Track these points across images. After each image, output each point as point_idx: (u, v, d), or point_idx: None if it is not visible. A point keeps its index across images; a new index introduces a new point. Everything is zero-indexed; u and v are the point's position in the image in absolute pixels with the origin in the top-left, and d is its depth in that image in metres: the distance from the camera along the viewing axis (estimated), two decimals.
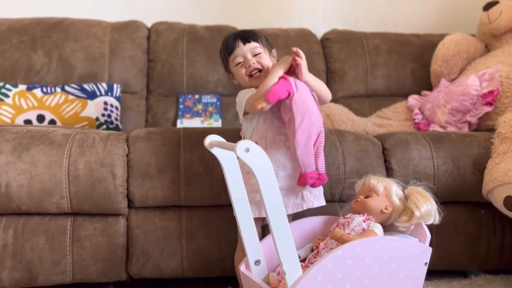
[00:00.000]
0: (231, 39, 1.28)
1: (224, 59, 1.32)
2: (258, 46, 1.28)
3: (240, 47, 1.27)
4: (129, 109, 2.05)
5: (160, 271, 1.45)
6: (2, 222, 1.38)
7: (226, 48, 1.29)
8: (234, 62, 1.28)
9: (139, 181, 1.40)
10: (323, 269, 1.01)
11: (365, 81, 2.23)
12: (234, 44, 1.27)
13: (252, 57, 1.27)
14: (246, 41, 1.27)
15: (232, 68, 1.30)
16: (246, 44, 1.27)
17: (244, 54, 1.27)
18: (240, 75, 1.29)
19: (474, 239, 1.55)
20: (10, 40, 2.04)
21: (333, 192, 1.49)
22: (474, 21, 2.22)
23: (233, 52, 1.27)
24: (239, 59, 1.27)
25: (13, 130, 1.43)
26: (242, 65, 1.28)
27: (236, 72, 1.30)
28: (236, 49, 1.27)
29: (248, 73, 1.28)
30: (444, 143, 1.54)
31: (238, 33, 1.30)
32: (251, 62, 1.26)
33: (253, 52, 1.27)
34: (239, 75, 1.29)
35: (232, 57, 1.28)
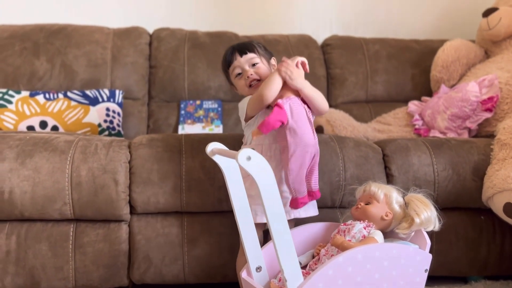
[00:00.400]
0: (229, 52, 1.34)
1: (225, 72, 1.37)
2: (255, 56, 1.32)
3: (237, 59, 1.32)
4: (131, 115, 2.07)
5: (162, 277, 1.45)
6: (5, 229, 1.39)
7: (225, 61, 1.34)
8: (233, 74, 1.33)
9: (141, 187, 1.41)
10: (324, 276, 1.02)
11: (365, 87, 2.24)
12: (231, 57, 1.32)
13: (250, 68, 1.31)
14: (242, 53, 1.31)
15: (232, 79, 1.35)
16: (243, 56, 1.31)
17: (242, 66, 1.32)
18: (240, 86, 1.34)
19: (474, 245, 1.55)
20: (13, 47, 2.06)
21: (333, 198, 1.50)
22: (474, 27, 2.24)
23: (232, 64, 1.32)
24: (238, 70, 1.32)
25: (16, 137, 1.44)
26: (241, 76, 1.32)
27: (236, 83, 1.35)
28: (234, 61, 1.32)
29: (248, 84, 1.32)
30: (444, 150, 1.55)
31: (235, 46, 1.35)
32: (249, 73, 1.31)
33: (251, 63, 1.32)
34: (239, 86, 1.34)
35: (231, 69, 1.33)
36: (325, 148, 1.50)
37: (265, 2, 2.46)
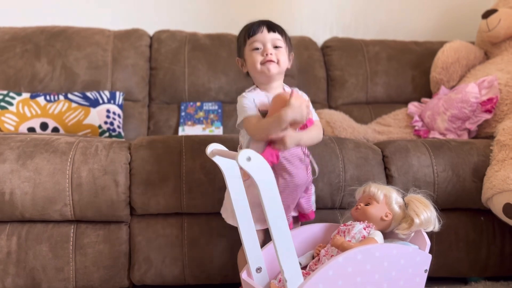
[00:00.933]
0: (256, 24, 1.21)
1: (242, 41, 1.23)
2: (281, 39, 1.21)
3: (263, 33, 1.19)
4: (131, 117, 2.07)
5: (162, 278, 1.46)
6: (6, 230, 1.39)
7: (248, 30, 1.21)
8: (251, 46, 1.21)
9: (142, 188, 1.42)
10: (324, 277, 1.02)
11: (365, 88, 2.25)
12: (258, 28, 1.20)
13: (271, 47, 1.20)
14: (271, 29, 1.20)
15: (247, 51, 1.22)
16: (270, 32, 1.20)
17: (265, 42, 1.20)
18: (252, 61, 1.21)
19: (474, 246, 1.55)
20: (14, 49, 2.07)
21: (333, 199, 1.50)
22: (474, 29, 2.24)
23: (254, 35, 1.20)
24: (258, 44, 1.20)
25: (17, 138, 1.45)
26: (259, 51, 1.20)
27: (250, 57, 1.21)
28: (258, 33, 1.19)
29: (263, 62, 1.20)
30: (444, 151, 1.55)
31: (265, 20, 1.22)
32: (269, 51, 1.19)
33: (274, 43, 1.20)
34: (252, 61, 1.21)
35: (251, 41, 1.20)
36: (325, 149, 1.51)
37: (265, 4, 2.47)
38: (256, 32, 1.20)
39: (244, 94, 1.24)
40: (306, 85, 2.22)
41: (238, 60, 1.30)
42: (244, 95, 1.24)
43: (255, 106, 1.21)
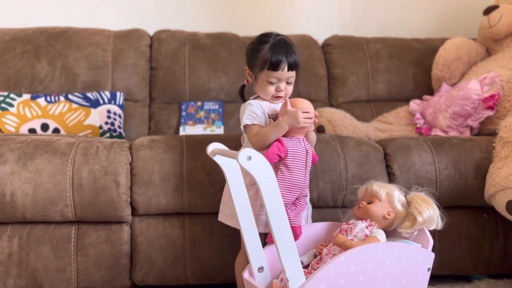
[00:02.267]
0: (280, 58, 1.22)
1: (259, 64, 1.25)
2: (294, 76, 1.26)
3: (283, 71, 1.23)
4: (132, 117, 2.07)
5: (164, 278, 1.45)
6: (7, 231, 1.39)
7: (270, 61, 1.23)
8: (267, 78, 1.25)
9: (143, 189, 1.41)
10: (326, 276, 1.02)
11: (366, 86, 2.24)
12: (281, 66, 1.22)
13: (285, 85, 1.26)
14: (290, 69, 1.24)
15: (261, 78, 1.26)
16: (289, 71, 1.24)
17: (281, 79, 1.25)
18: (264, 90, 1.26)
19: (477, 243, 1.55)
20: (14, 50, 2.07)
21: (335, 198, 1.49)
22: (475, 25, 2.23)
23: (275, 72, 1.23)
24: (275, 80, 1.25)
25: (17, 140, 1.44)
26: (273, 85, 1.25)
27: (263, 85, 1.26)
28: (279, 71, 1.23)
29: (274, 96, 1.26)
30: (446, 148, 1.55)
31: (289, 56, 1.23)
32: (282, 89, 1.25)
33: (288, 80, 1.26)
34: (264, 90, 1.26)
35: (270, 74, 1.24)
36: (326, 147, 1.50)
37: (265, 2, 2.46)
38: (277, 69, 1.23)
39: (251, 101, 1.28)
40: (307, 84, 2.21)
41: (247, 70, 1.31)
42: (251, 102, 1.27)
43: (263, 116, 1.26)
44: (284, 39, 1.28)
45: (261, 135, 1.22)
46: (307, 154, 1.22)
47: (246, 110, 1.25)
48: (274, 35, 1.28)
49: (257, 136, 1.22)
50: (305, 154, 1.21)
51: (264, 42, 1.26)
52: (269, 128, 1.22)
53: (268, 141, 1.20)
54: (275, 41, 1.25)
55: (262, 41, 1.26)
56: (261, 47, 1.25)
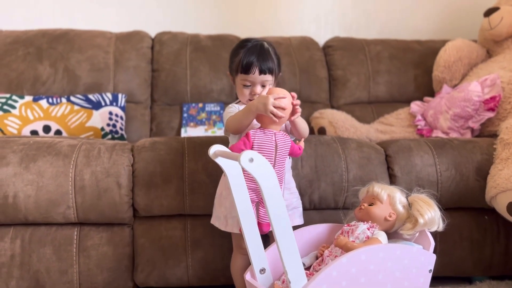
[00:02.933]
0: (250, 60, 1.25)
1: (234, 66, 1.30)
2: (270, 79, 1.28)
3: (255, 74, 1.26)
4: (133, 119, 2.07)
5: (166, 279, 1.46)
6: (10, 233, 1.40)
7: (241, 65, 1.26)
8: (242, 81, 1.28)
9: (144, 190, 1.42)
10: (328, 277, 1.02)
11: (367, 88, 2.24)
12: (251, 69, 1.25)
13: (260, 88, 1.27)
14: (262, 72, 1.26)
15: (237, 81, 1.30)
16: (261, 75, 1.26)
17: (255, 82, 1.27)
18: (241, 93, 1.30)
19: (478, 245, 1.55)
20: (16, 52, 2.07)
21: (336, 199, 1.50)
22: (476, 27, 2.23)
23: (247, 74, 1.26)
24: (248, 83, 1.27)
25: (20, 141, 1.45)
26: (248, 88, 1.28)
27: (239, 89, 1.30)
28: (250, 74, 1.26)
29: (250, 98, 1.28)
30: (447, 150, 1.55)
31: (260, 58, 1.26)
32: (256, 93, 1.27)
33: (263, 83, 1.27)
34: (240, 92, 1.30)
35: (243, 76, 1.27)
36: (328, 149, 1.51)
37: (266, 4, 2.47)
38: (248, 72, 1.26)
39: (230, 105, 1.32)
40: (308, 85, 2.21)
41: (229, 75, 1.36)
42: (230, 105, 1.32)
43: None
44: (260, 44, 1.29)
45: (233, 118, 1.24)
46: (276, 148, 1.18)
47: (226, 114, 1.29)
48: (253, 41, 1.31)
49: (231, 120, 1.24)
50: (274, 148, 1.18)
51: (242, 47, 1.30)
52: (239, 112, 1.23)
53: (239, 124, 1.21)
54: (250, 46, 1.29)
55: (240, 46, 1.31)
56: (237, 51, 1.30)
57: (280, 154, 1.19)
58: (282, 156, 1.20)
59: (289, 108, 1.18)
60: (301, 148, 1.27)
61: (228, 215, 1.28)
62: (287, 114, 1.19)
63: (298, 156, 1.28)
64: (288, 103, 1.18)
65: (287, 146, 1.21)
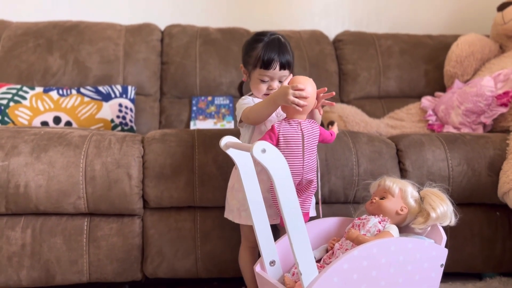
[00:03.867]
0: (272, 56, 1.24)
1: (252, 62, 1.27)
2: (287, 75, 1.26)
3: (275, 70, 1.24)
4: (143, 111, 2.08)
5: (175, 271, 1.46)
6: (21, 222, 1.40)
7: (262, 60, 1.24)
8: (260, 76, 1.26)
9: (154, 182, 1.42)
10: (339, 270, 1.01)
11: (377, 82, 2.23)
12: (272, 64, 1.24)
13: (277, 83, 1.26)
14: (282, 68, 1.25)
15: (254, 75, 1.28)
16: (281, 70, 1.25)
17: (273, 78, 1.26)
18: (257, 88, 1.28)
19: (489, 241, 1.54)
20: (26, 43, 2.08)
21: (346, 193, 1.49)
22: (488, 22, 2.21)
23: (267, 70, 1.25)
24: (266, 78, 1.26)
25: (31, 132, 1.45)
26: (265, 83, 1.27)
27: (256, 83, 1.28)
28: (271, 70, 1.24)
29: (266, 93, 1.27)
30: (459, 144, 1.53)
31: (281, 55, 1.25)
32: (274, 88, 1.26)
33: (280, 78, 1.26)
34: (256, 87, 1.28)
35: (262, 72, 1.25)
36: (338, 143, 1.50)
37: None
38: (269, 68, 1.24)
39: (244, 97, 1.31)
40: (317, 79, 2.17)
41: (242, 68, 1.33)
42: (244, 97, 1.31)
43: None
44: (278, 38, 1.28)
45: (253, 109, 1.23)
46: (303, 138, 1.17)
47: (240, 105, 1.28)
48: (269, 34, 1.29)
49: (249, 111, 1.23)
50: (301, 138, 1.17)
51: (258, 41, 1.28)
52: (261, 102, 1.22)
53: (260, 115, 1.21)
54: (268, 40, 1.27)
55: (256, 40, 1.28)
56: (255, 45, 1.27)
57: (308, 143, 1.18)
58: (311, 145, 1.19)
59: (311, 96, 1.17)
60: (333, 133, 1.26)
61: (241, 207, 1.27)
62: (311, 102, 1.18)
63: (331, 142, 1.28)
64: (310, 91, 1.16)
65: (315, 134, 1.20)
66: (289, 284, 1.09)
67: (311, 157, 1.19)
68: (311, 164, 1.19)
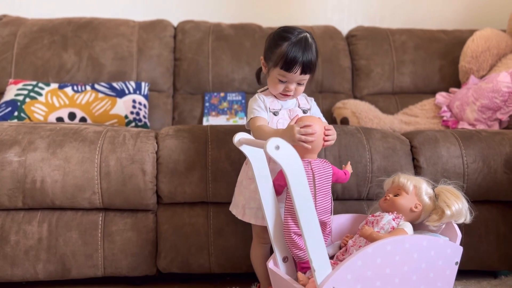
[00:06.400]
0: (295, 59, 1.19)
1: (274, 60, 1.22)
2: (307, 78, 1.24)
3: (296, 74, 1.20)
4: (156, 107, 2.09)
5: (188, 266, 1.47)
6: (37, 216, 1.43)
7: (284, 61, 1.20)
8: (279, 76, 1.22)
9: (168, 177, 1.43)
10: (352, 267, 1.01)
11: (391, 78, 2.21)
12: (294, 67, 1.19)
13: (295, 85, 1.23)
14: (304, 72, 1.21)
15: (273, 73, 1.24)
16: (302, 74, 1.21)
17: (292, 80, 1.23)
18: (274, 86, 1.25)
19: (505, 239, 1.52)
20: (42, 40, 2.10)
21: (360, 190, 1.48)
22: (505, 16, 2.17)
23: (288, 72, 1.20)
24: (285, 79, 1.22)
25: (47, 128, 1.47)
26: (283, 83, 1.23)
27: (273, 80, 1.24)
28: (292, 73, 1.20)
29: (282, 94, 1.25)
30: (474, 141, 1.52)
31: (304, 57, 1.19)
32: (291, 89, 1.23)
33: (300, 81, 1.23)
34: (274, 85, 1.25)
35: (282, 72, 1.21)
36: (352, 139, 1.49)
37: None
38: (290, 71, 1.20)
39: (256, 95, 1.29)
40: (330, 75, 2.19)
41: (262, 60, 1.30)
42: (256, 97, 1.28)
43: (264, 109, 1.26)
44: (305, 38, 1.22)
45: (260, 131, 1.20)
46: (314, 177, 1.13)
47: (252, 105, 1.27)
48: (297, 33, 1.22)
49: (258, 130, 1.22)
50: (312, 177, 1.13)
51: (285, 38, 1.21)
52: (269, 130, 1.19)
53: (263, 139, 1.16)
54: (295, 40, 1.21)
55: (283, 37, 1.22)
56: (280, 43, 1.22)
57: (320, 183, 1.14)
58: (324, 185, 1.15)
59: (319, 133, 1.14)
60: (347, 173, 1.24)
61: (246, 205, 1.27)
62: (319, 140, 1.14)
63: (345, 181, 1.25)
64: (317, 128, 1.13)
65: (327, 174, 1.16)
66: (303, 280, 1.09)
67: (325, 197, 1.15)
68: (325, 205, 1.15)
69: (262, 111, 1.25)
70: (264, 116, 1.25)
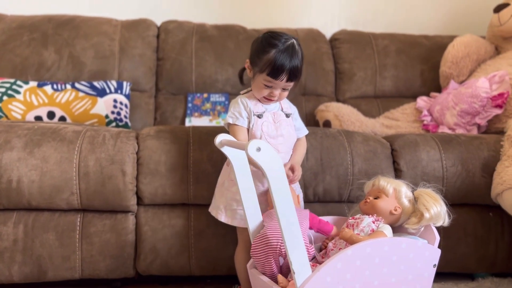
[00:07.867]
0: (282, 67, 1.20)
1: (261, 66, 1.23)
2: (292, 85, 1.25)
3: (283, 81, 1.22)
4: (138, 107, 2.06)
5: (168, 268, 1.45)
6: (13, 217, 1.39)
7: (271, 69, 1.21)
8: (264, 81, 1.23)
9: (149, 178, 1.41)
10: (332, 269, 1.01)
11: (373, 82, 2.23)
12: (281, 75, 1.21)
13: (279, 91, 1.25)
14: (290, 80, 1.23)
15: (259, 77, 1.24)
16: (288, 82, 1.23)
17: (278, 87, 1.24)
18: (258, 90, 1.26)
19: (482, 242, 1.54)
20: (21, 37, 2.06)
21: (341, 192, 1.49)
22: (484, 23, 2.21)
23: (275, 79, 1.22)
24: (271, 84, 1.23)
25: (24, 126, 1.44)
26: (268, 88, 1.24)
27: (258, 85, 1.25)
28: (278, 80, 1.21)
29: (265, 98, 1.27)
30: (453, 145, 1.54)
31: (291, 65, 1.21)
32: (275, 95, 1.25)
33: (285, 87, 1.25)
34: (258, 90, 1.26)
35: (268, 78, 1.22)
36: (333, 142, 1.50)
37: None
38: (277, 78, 1.22)
39: (239, 99, 1.29)
40: (314, 78, 2.20)
41: (247, 63, 1.29)
42: (239, 101, 1.28)
43: (246, 117, 1.27)
44: (292, 45, 1.22)
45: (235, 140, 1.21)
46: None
47: (231, 109, 1.28)
48: (284, 40, 1.23)
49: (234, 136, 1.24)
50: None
51: (272, 45, 1.22)
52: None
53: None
54: (283, 48, 1.21)
55: (270, 44, 1.22)
56: (267, 49, 1.22)
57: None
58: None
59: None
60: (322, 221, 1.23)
61: (227, 206, 1.27)
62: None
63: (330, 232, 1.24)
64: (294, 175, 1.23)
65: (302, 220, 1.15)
66: (282, 283, 1.09)
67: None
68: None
69: (240, 119, 1.26)
70: (243, 125, 1.26)
